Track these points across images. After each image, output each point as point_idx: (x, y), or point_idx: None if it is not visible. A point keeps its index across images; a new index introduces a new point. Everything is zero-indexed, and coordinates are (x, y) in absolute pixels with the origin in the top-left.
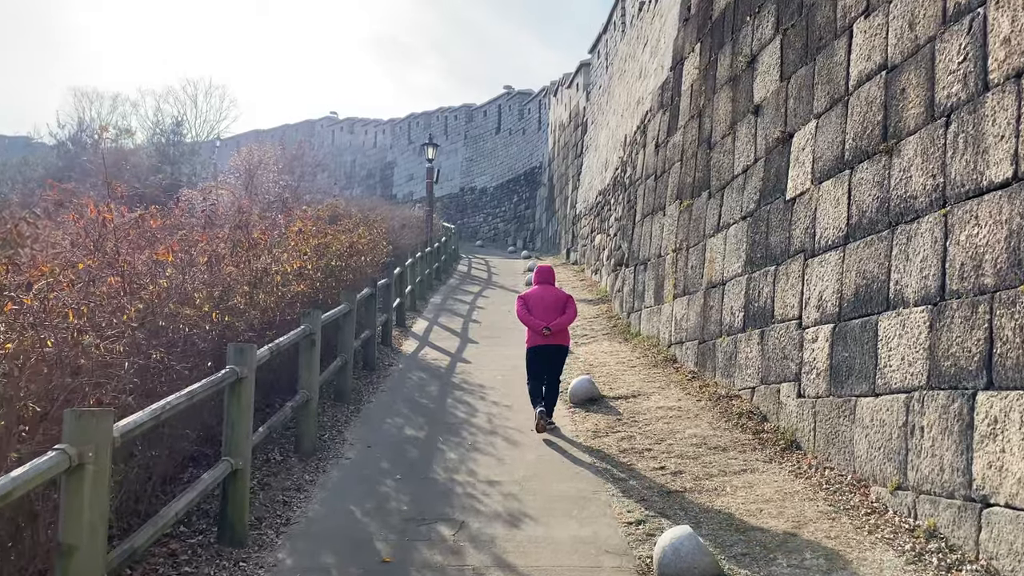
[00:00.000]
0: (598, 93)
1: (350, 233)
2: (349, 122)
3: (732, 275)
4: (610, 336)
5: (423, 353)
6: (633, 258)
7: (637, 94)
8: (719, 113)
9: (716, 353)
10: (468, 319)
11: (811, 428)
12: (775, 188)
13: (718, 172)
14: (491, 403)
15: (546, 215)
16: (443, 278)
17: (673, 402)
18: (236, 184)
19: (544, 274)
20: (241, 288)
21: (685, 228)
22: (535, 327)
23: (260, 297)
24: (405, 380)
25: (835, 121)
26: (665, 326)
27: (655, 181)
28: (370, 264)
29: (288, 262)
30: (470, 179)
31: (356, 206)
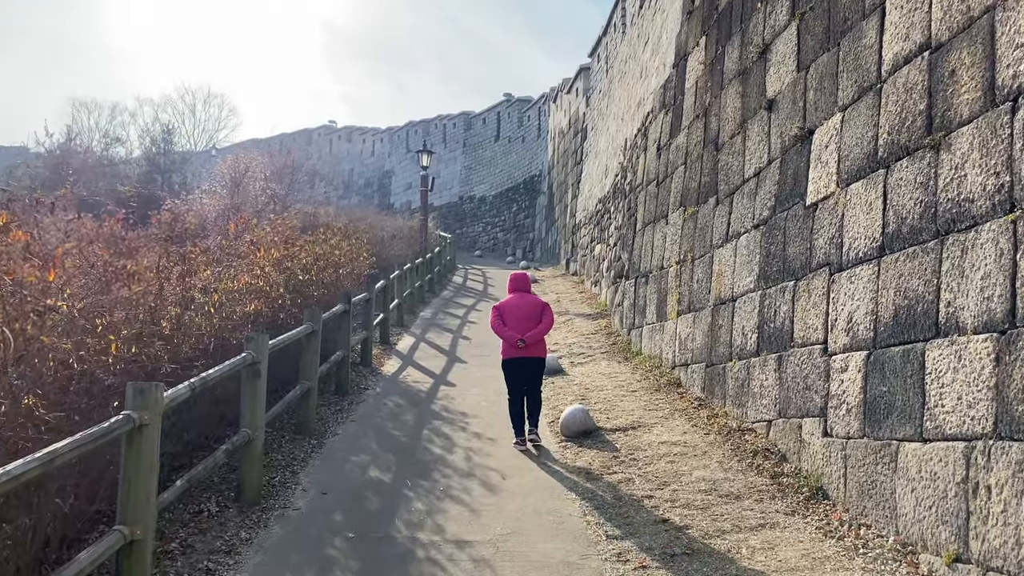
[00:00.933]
0: (598, 98)
1: (321, 244)
2: (347, 130)
3: (743, 290)
4: (609, 355)
5: (405, 375)
6: (634, 270)
7: (638, 95)
8: (727, 111)
9: (726, 379)
10: (458, 335)
11: (841, 474)
12: (793, 192)
13: (726, 176)
14: (472, 435)
15: (546, 224)
16: (436, 290)
17: (678, 435)
18: (222, 193)
19: (519, 281)
20: (169, 311)
21: (690, 238)
22: (509, 339)
23: (195, 321)
24: (380, 407)
25: (865, 113)
26: (669, 345)
27: (657, 187)
28: (349, 277)
29: (236, 278)
30: (469, 188)
31: (346, 215)
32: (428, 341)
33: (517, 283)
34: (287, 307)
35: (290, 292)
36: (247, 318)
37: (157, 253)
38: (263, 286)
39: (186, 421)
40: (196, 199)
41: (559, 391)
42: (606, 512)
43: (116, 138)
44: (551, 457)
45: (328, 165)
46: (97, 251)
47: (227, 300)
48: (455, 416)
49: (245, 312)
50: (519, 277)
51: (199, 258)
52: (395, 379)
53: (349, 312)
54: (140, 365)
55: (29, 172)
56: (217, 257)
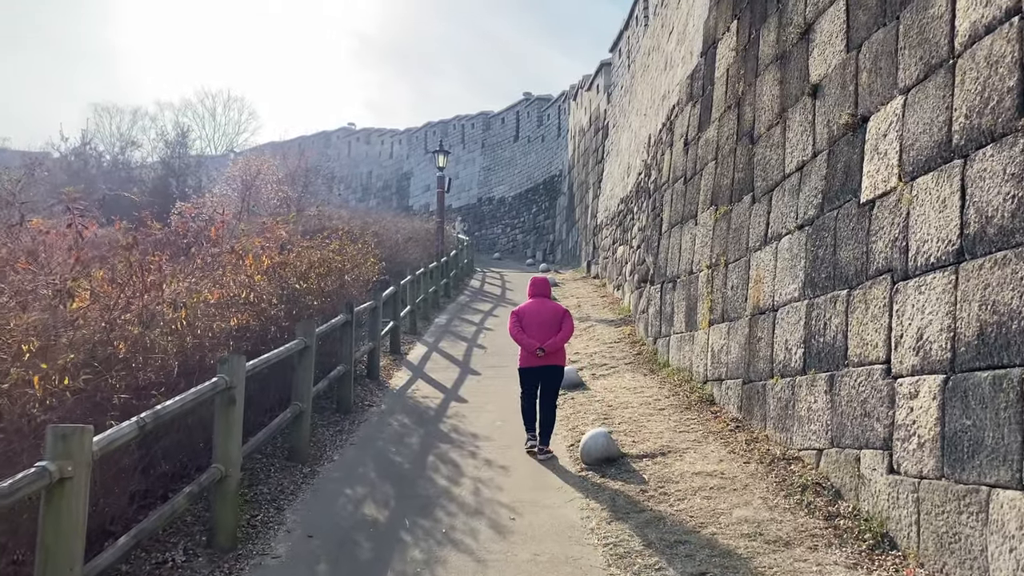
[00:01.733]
0: (619, 94)
1: (320, 249)
2: (365, 132)
3: (786, 299)
4: (633, 367)
5: (414, 388)
6: (659, 274)
7: (662, 88)
8: (763, 99)
9: (767, 398)
10: (473, 344)
11: (912, 521)
12: (844, 188)
13: (764, 171)
14: (482, 462)
15: (566, 226)
16: (453, 295)
17: (713, 464)
18: (233, 196)
19: (539, 286)
20: (127, 330)
21: (723, 240)
22: (528, 347)
23: (160, 341)
24: (383, 428)
25: (934, 95)
26: (699, 358)
27: (684, 185)
28: (356, 284)
29: (212, 290)
30: (488, 189)
31: (360, 218)
32: (441, 350)
33: (537, 288)
34: (280, 319)
35: (284, 303)
36: (228, 334)
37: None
38: (250, 297)
39: (164, 449)
40: (206, 202)
41: (580, 409)
42: (634, 563)
43: (131, 141)
44: (569, 489)
45: (347, 168)
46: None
47: (203, 315)
48: (465, 439)
49: (226, 328)
50: (539, 282)
51: (175, 267)
52: (403, 394)
53: (351, 323)
54: (88, 396)
55: (48, 177)
56: (200, 265)
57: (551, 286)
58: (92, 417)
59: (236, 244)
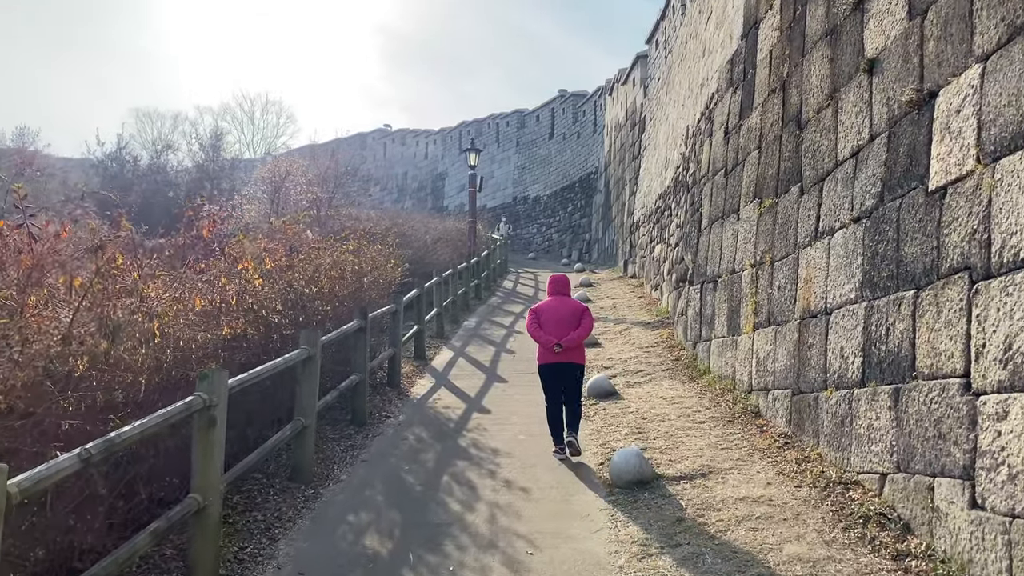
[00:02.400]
0: (656, 86)
1: (332, 251)
2: (400, 133)
3: (841, 301)
4: (671, 373)
5: (435, 398)
6: (699, 274)
7: (700, 76)
8: (811, 80)
9: (819, 412)
10: (501, 348)
11: (1004, 568)
12: (908, 174)
13: (813, 159)
14: (501, 484)
15: (602, 224)
16: (484, 296)
17: (760, 488)
18: (262, 198)
19: (558, 284)
20: (91, 345)
21: (768, 235)
22: (545, 343)
23: (130, 356)
24: (398, 443)
25: (1021, 59)
26: (743, 365)
27: (725, 177)
28: (375, 287)
29: (197, 296)
30: (523, 188)
31: (389, 218)
32: (467, 355)
33: (557, 286)
34: (285, 327)
35: (291, 309)
36: (220, 345)
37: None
38: (246, 303)
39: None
40: (236, 204)
41: (611, 421)
42: None
43: (167, 145)
44: (596, 517)
45: (382, 169)
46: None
47: (189, 324)
48: (485, 455)
49: (214, 338)
50: (559, 279)
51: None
52: (423, 404)
53: (366, 329)
54: (36, 422)
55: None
56: (200, 270)
57: (586, 286)
58: (39, 445)
59: (228, 246)
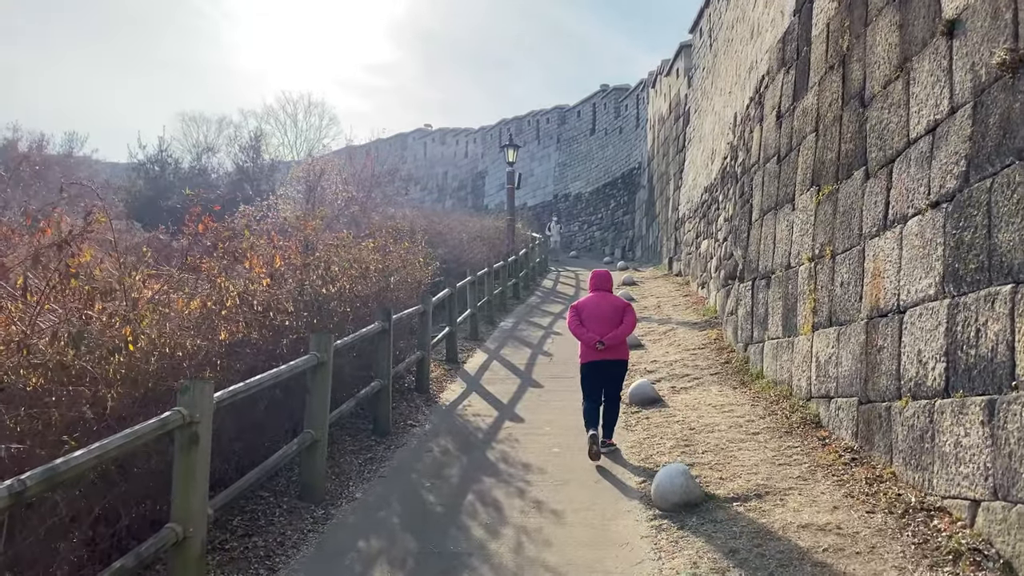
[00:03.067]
0: (701, 76)
1: (350, 248)
2: (440, 133)
3: (917, 298)
4: (720, 378)
5: (465, 404)
6: (750, 270)
7: (749, 59)
8: (877, 51)
9: (892, 425)
10: (538, 350)
11: None
12: (1000, 149)
13: (880, 138)
14: (531, 504)
15: (646, 220)
16: (522, 296)
17: (825, 513)
18: (297, 198)
19: (600, 280)
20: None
21: (827, 226)
22: (588, 340)
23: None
24: (422, 455)
25: None
26: (801, 369)
27: (778, 164)
28: (403, 286)
29: (187, 299)
30: (563, 185)
31: (425, 217)
32: (502, 358)
33: (598, 281)
34: (297, 330)
35: (306, 310)
36: (217, 352)
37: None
38: (248, 306)
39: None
40: (272, 204)
41: (655, 432)
42: None
43: (208, 147)
44: (637, 546)
45: (423, 169)
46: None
47: (177, 328)
48: (515, 470)
49: (213, 343)
50: (601, 275)
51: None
52: (452, 411)
53: (389, 331)
54: None
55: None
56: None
57: (629, 285)
58: None
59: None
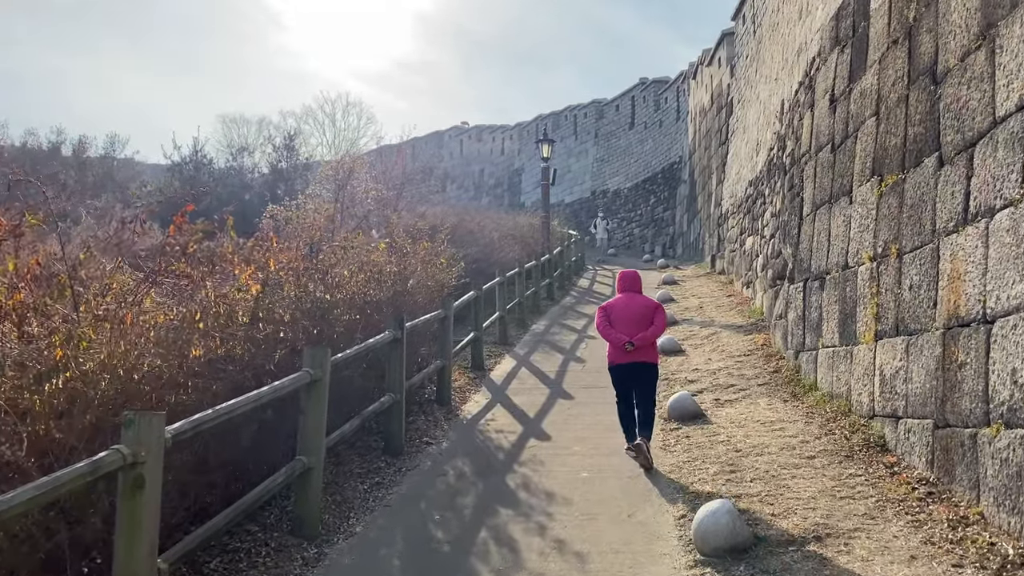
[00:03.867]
0: (744, 65)
1: (354, 250)
2: (477, 130)
3: (1010, 306)
4: (769, 389)
5: (488, 418)
6: (800, 270)
7: (797, 41)
8: (952, 18)
9: (980, 456)
10: (570, 356)
11: None
12: None
13: (957, 119)
14: (551, 545)
15: (687, 216)
16: (557, 296)
17: (902, 566)
18: (325, 197)
19: (628, 280)
20: None
21: (892, 221)
22: (616, 341)
23: (30, 397)
24: (435, 480)
25: None
26: (862, 383)
27: (832, 153)
28: (422, 290)
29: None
30: (601, 181)
31: (455, 215)
32: (532, 365)
33: (626, 282)
34: (291, 342)
35: (305, 318)
36: (186, 371)
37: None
38: (225, 317)
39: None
40: (300, 204)
41: (696, 455)
42: None
43: (242, 147)
44: None
45: (459, 167)
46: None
47: (135, 345)
48: (536, 500)
49: (184, 361)
50: (629, 276)
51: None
52: (473, 427)
53: (402, 340)
54: None
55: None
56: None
57: (669, 284)
58: None
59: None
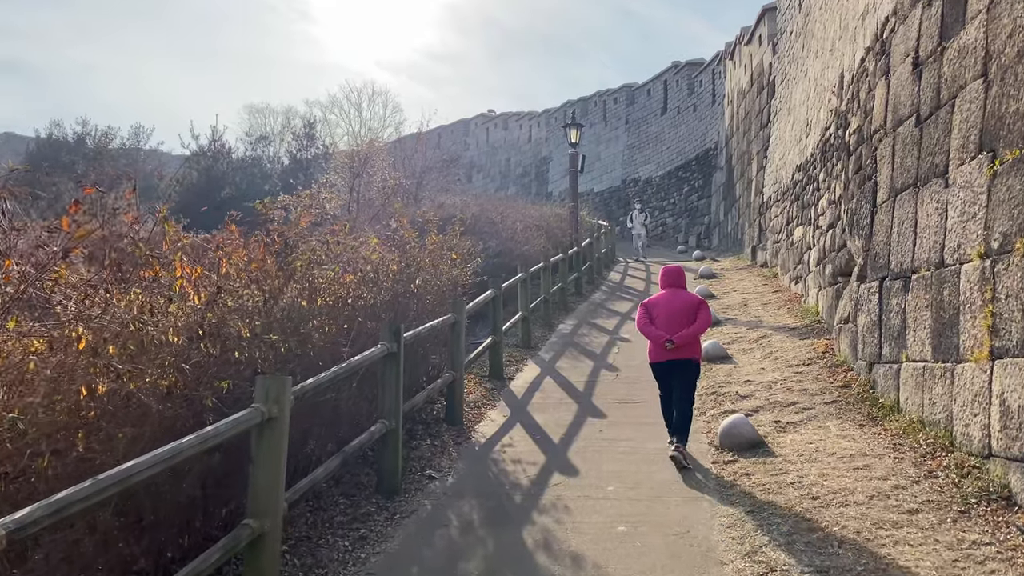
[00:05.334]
0: (789, 41)
1: (338, 246)
2: (503, 118)
3: None
4: (839, 409)
5: (505, 443)
6: (875, 266)
7: (861, 3)
8: None
9: None
10: (601, 362)
11: None
12: None
13: None
14: None
15: (724, 205)
16: (586, 291)
17: None
18: (340, 186)
19: (671, 276)
20: None
21: (1012, 208)
22: (656, 339)
23: None
24: (432, 534)
25: None
26: (970, 411)
27: (917, 126)
28: (430, 290)
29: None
30: (632, 169)
31: (477, 204)
32: (557, 373)
33: (670, 278)
34: (253, 363)
35: (276, 332)
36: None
37: None
38: (149, 339)
39: None
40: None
41: (761, 502)
42: None
43: (262, 136)
44: None
45: (485, 156)
46: None
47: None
48: (558, 568)
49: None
50: (672, 271)
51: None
52: (486, 455)
53: (398, 354)
54: None
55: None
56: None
57: (707, 278)
58: None
59: (78, 242)
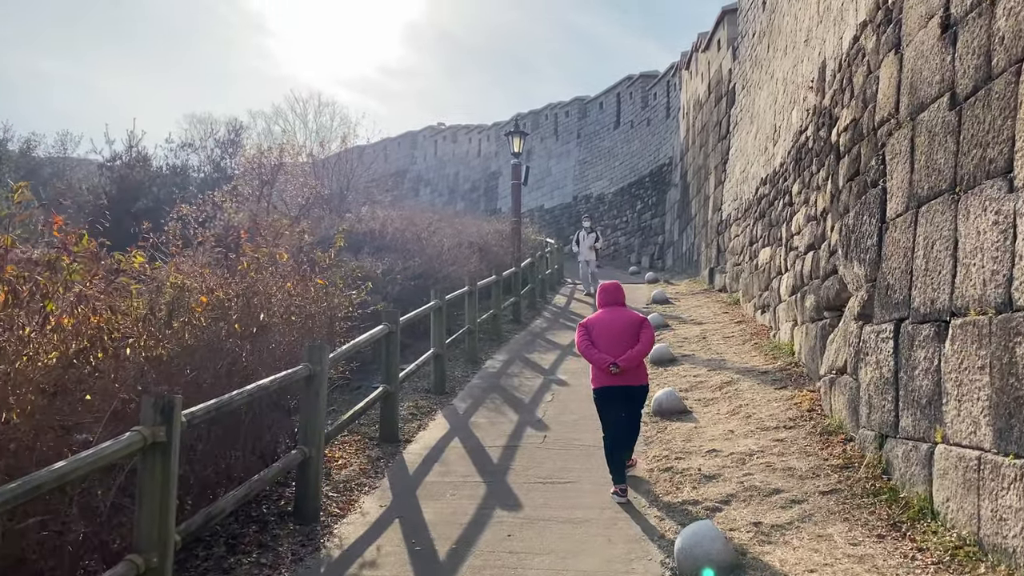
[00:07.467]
0: (751, 43)
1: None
2: (452, 131)
3: None
4: (843, 504)
5: (367, 559)
6: (887, 304)
7: None
8: None
9: None
10: (528, 417)
11: None
12: None
13: None
14: None
15: (678, 224)
16: (526, 318)
17: None
18: (245, 194)
19: (610, 293)
20: None
21: None
22: (599, 363)
23: None
24: None
25: None
26: None
27: (954, 110)
28: (282, 328)
29: None
30: (584, 185)
31: (404, 219)
32: (471, 432)
33: (609, 296)
34: None
35: None
36: None
37: None
38: None
39: None
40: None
41: None
42: None
43: (185, 143)
44: None
45: (433, 170)
46: None
47: None
48: None
49: None
50: (611, 288)
51: None
52: None
53: (170, 444)
54: None
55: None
56: None
57: (661, 303)
58: None
59: None
